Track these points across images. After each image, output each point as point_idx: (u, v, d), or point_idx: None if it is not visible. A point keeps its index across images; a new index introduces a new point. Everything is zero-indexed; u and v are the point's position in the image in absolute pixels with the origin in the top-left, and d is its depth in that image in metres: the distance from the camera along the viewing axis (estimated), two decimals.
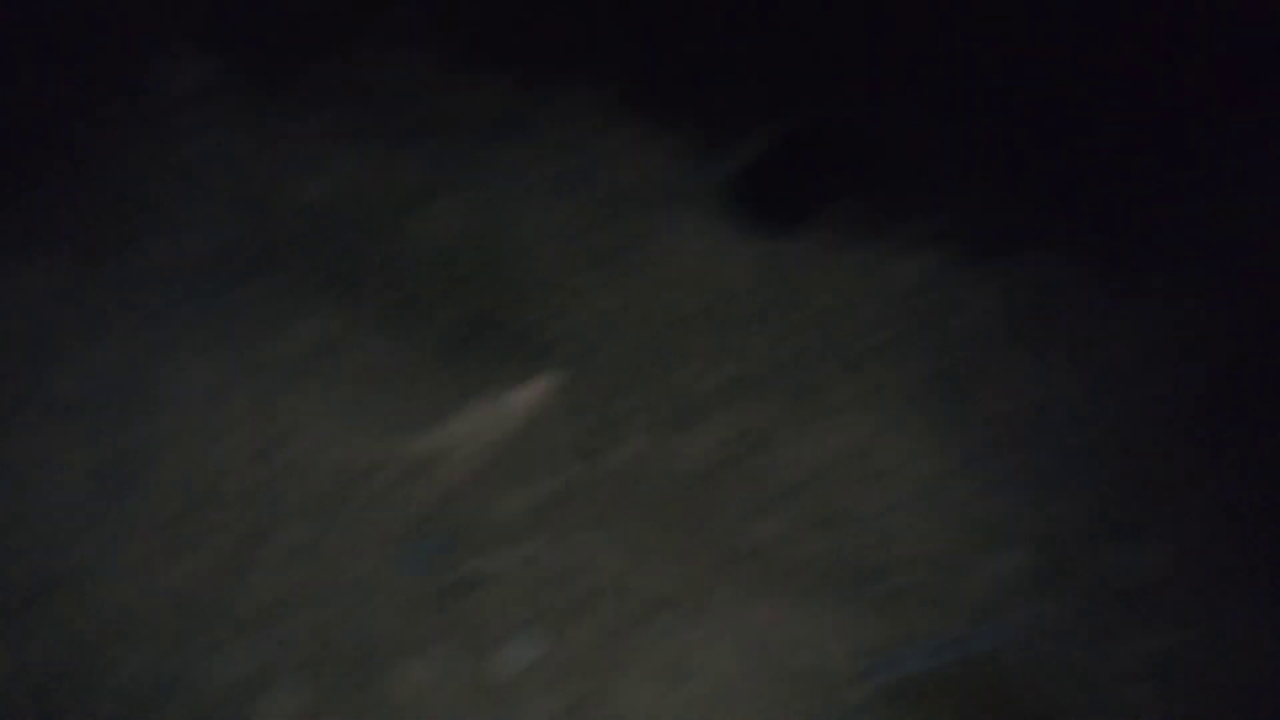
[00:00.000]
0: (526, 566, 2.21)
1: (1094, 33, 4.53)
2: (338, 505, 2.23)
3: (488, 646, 2.09)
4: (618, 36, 4.93)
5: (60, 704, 1.89)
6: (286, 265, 2.78)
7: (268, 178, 3.03)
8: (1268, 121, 4.25)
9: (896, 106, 4.38)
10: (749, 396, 2.92)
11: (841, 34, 4.95)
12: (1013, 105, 4.42)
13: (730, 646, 2.21)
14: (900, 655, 2.30)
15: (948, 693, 2.25)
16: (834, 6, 5.14)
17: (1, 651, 1.91)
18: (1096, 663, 2.40)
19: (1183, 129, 4.29)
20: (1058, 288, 3.64)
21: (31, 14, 3.16)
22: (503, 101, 3.80)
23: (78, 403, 2.36)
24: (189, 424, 2.37)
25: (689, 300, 3.32)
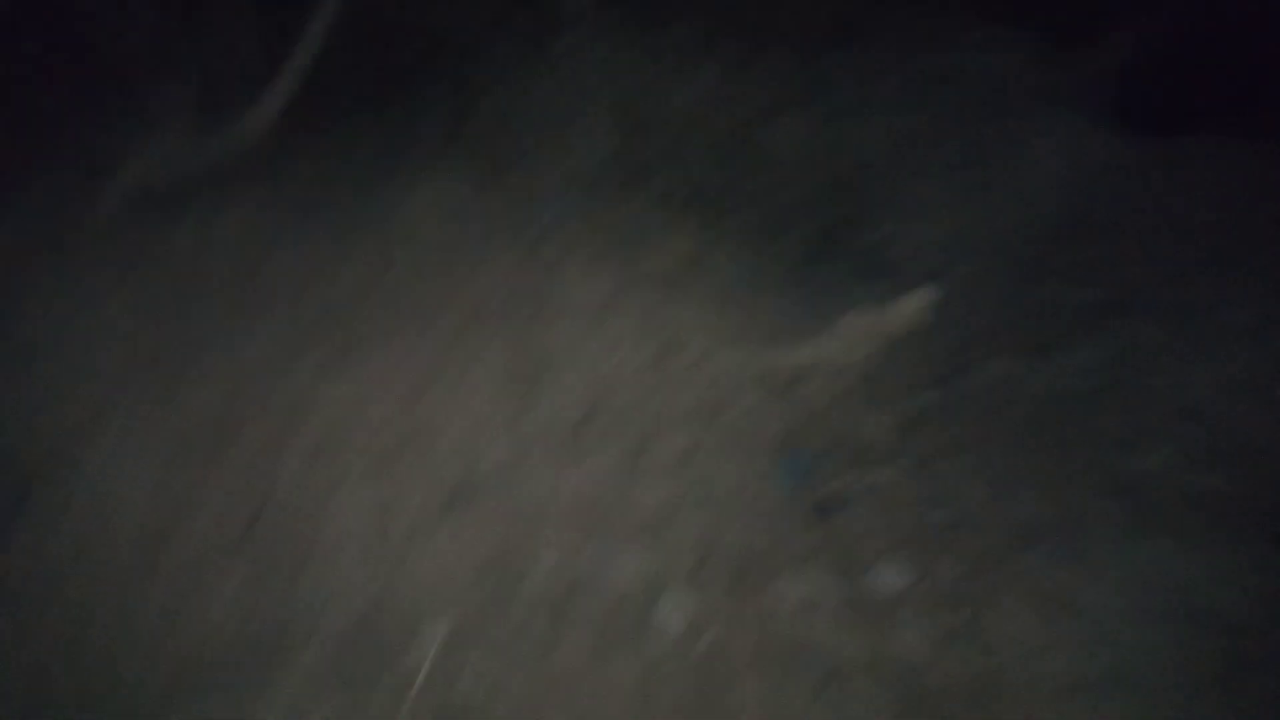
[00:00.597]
0: (891, 490, 2.24)
1: None
2: (715, 416, 2.36)
3: (856, 570, 2.16)
4: None
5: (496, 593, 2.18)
6: (657, 178, 2.92)
7: (639, 90, 3.16)
8: None
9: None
10: (1125, 315, 2.72)
11: None
12: None
13: (1109, 585, 2.12)
14: None
15: None
16: None
17: (444, 544, 2.22)
18: None
19: None
20: None
21: None
22: (848, 9, 3.69)
23: (488, 311, 2.63)
24: (583, 334, 2.58)
25: (1055, 210, 3.11)
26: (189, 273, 2.74)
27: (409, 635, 2.06)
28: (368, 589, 2.13)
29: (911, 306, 2.44)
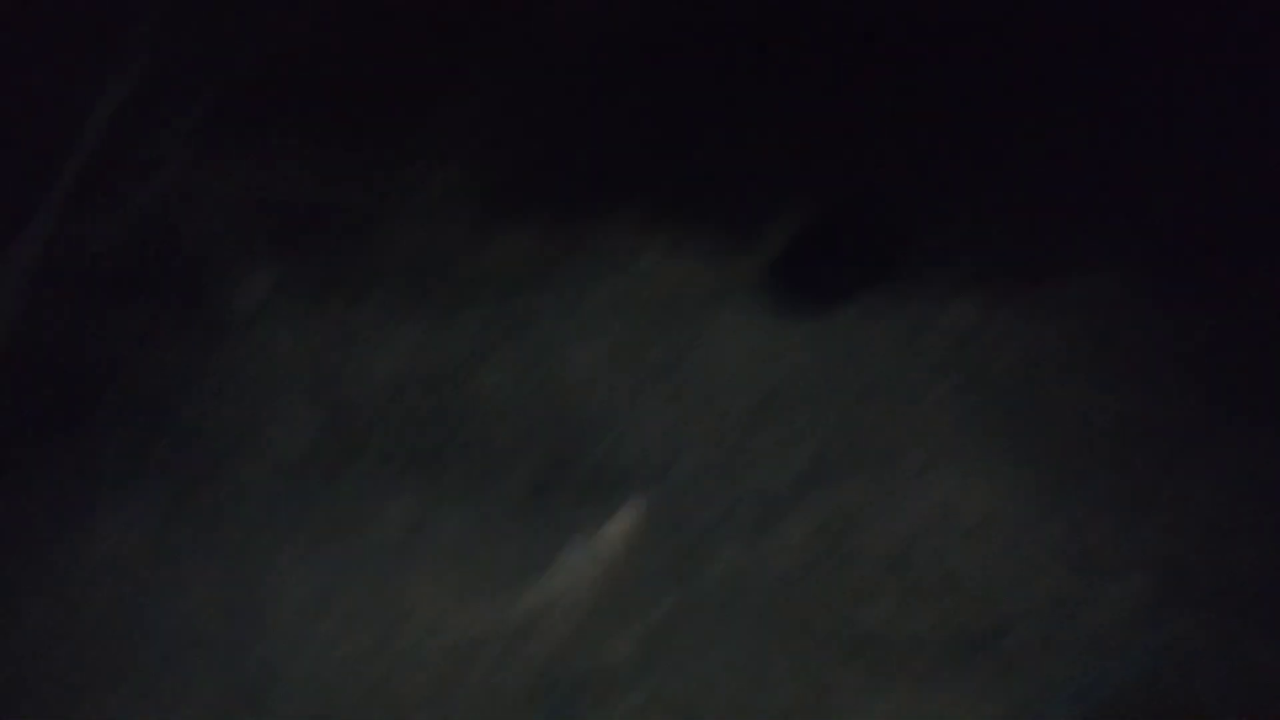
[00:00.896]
0: (646, 712, 2.26)
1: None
2: (454, 688, 2.32)
3: None
4: (635, 156, 5.17)
5: None
6: (369, 450, 2.93)
7: (338, 366, 3.19)
8: None
9: (918, 175, 4.61)
10: (828, 481, 2.96)
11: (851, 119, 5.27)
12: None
13: None
14: (1040, 714, 2.28)
15: None
16: (841, 96, 5.49)
17: None
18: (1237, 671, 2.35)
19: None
20: (1106, 305, 3.67)
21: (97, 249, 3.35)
22: (539, 248, 3.97)
23: (198, 636, 2.50)
24: (301, 631, 2.49)
25: (750, 396, 3.40)
26: None
27: None
28: None
29: (629, 521, 2.55)
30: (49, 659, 2.60)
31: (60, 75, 3.87)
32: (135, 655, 2.51)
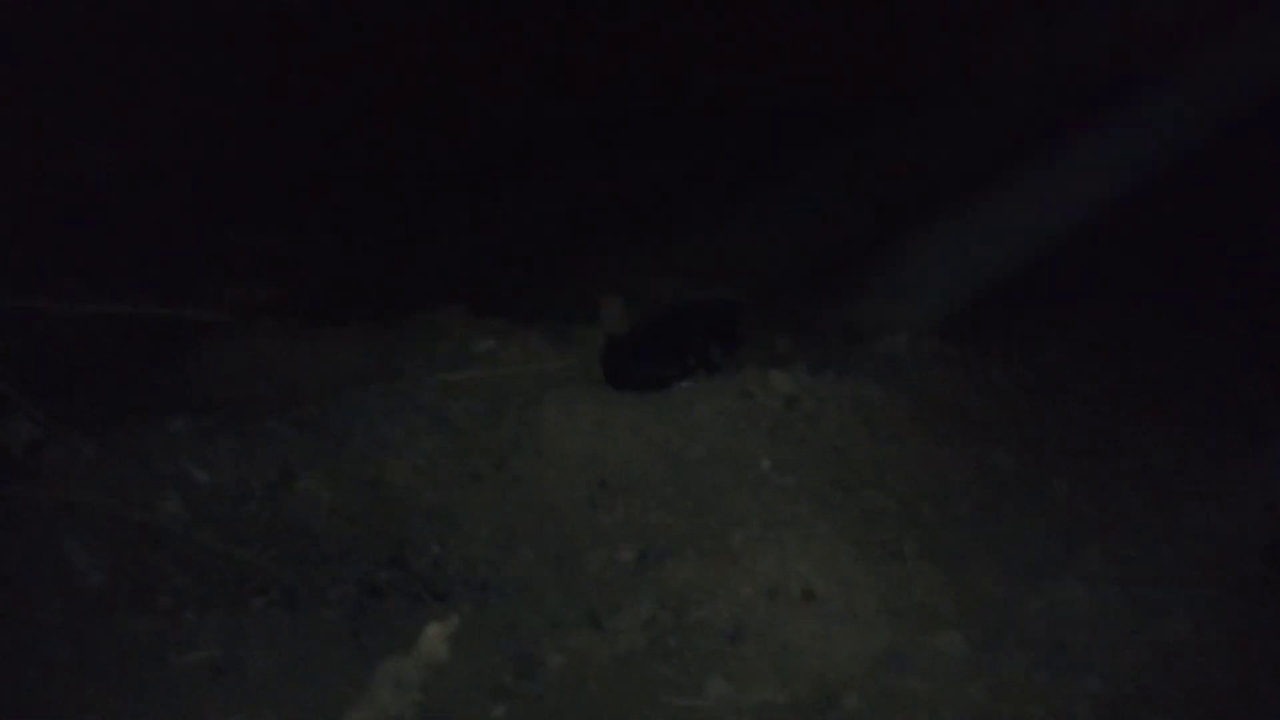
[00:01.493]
0: None
1: None
2: None
3: None
4: (452, 262, 5.21)
5: None
6: (165, 588, 2.72)
7: (132, 501, 2.97)
8: None
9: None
10: (660, 562, 2.92)
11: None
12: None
13: None
14: None
15: None
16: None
17: None
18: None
19: None
20: (904, 368, 3.86)
21: None
22: (355, 356, 3.88)
23: None
24: None
25: (583, 483, 3.36)
26: None
27: None
28: None
29: (457, 627, 2.45)
30: None
31: None
32: None
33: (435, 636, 2.41)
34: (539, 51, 7.72)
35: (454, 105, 7.01)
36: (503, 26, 7.67)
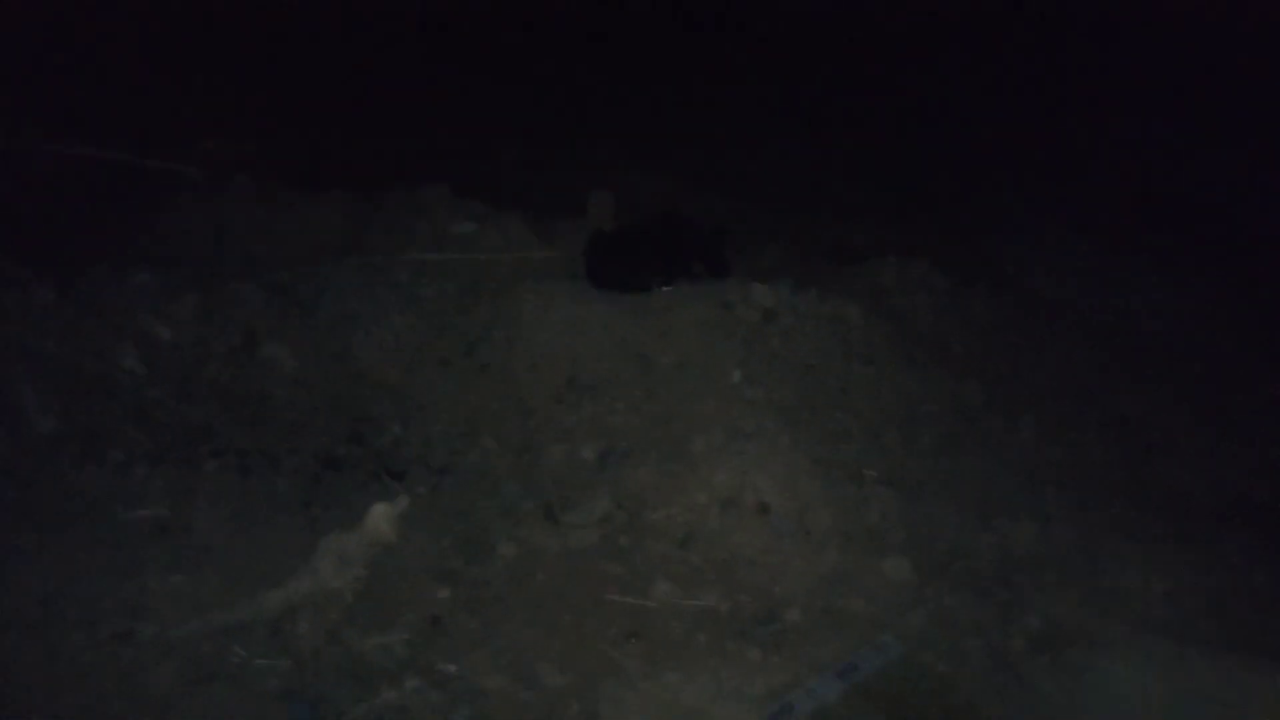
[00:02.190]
0: (403, 711, 2.15)
1: None
2: (197, 691, 2.15)
3: None
4: (443, 137, 5.04)
5: None
6: (117, 443, 2.70)
7: (85, 353, 2.92)
8: None
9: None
10: (620, 463, 2.90)
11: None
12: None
13: None
14: (810, 689, 2.28)
15: (863, 713, 2.25)
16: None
17: None
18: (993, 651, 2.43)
19: None
20: (909, 289, 3.79)
21: None
22: (330, 226, 3.77)
23: None
24: (46, 618, 2.26)
25: (553, 376, 3.32)
26: None
27: None
28: None
29: (390, 512, 2.42)
30: None
31: None
32: None
33: (381, 515, 2.40)
34: None
35: None
36: None
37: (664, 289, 3.61)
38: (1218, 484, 3.38)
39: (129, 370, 2.85)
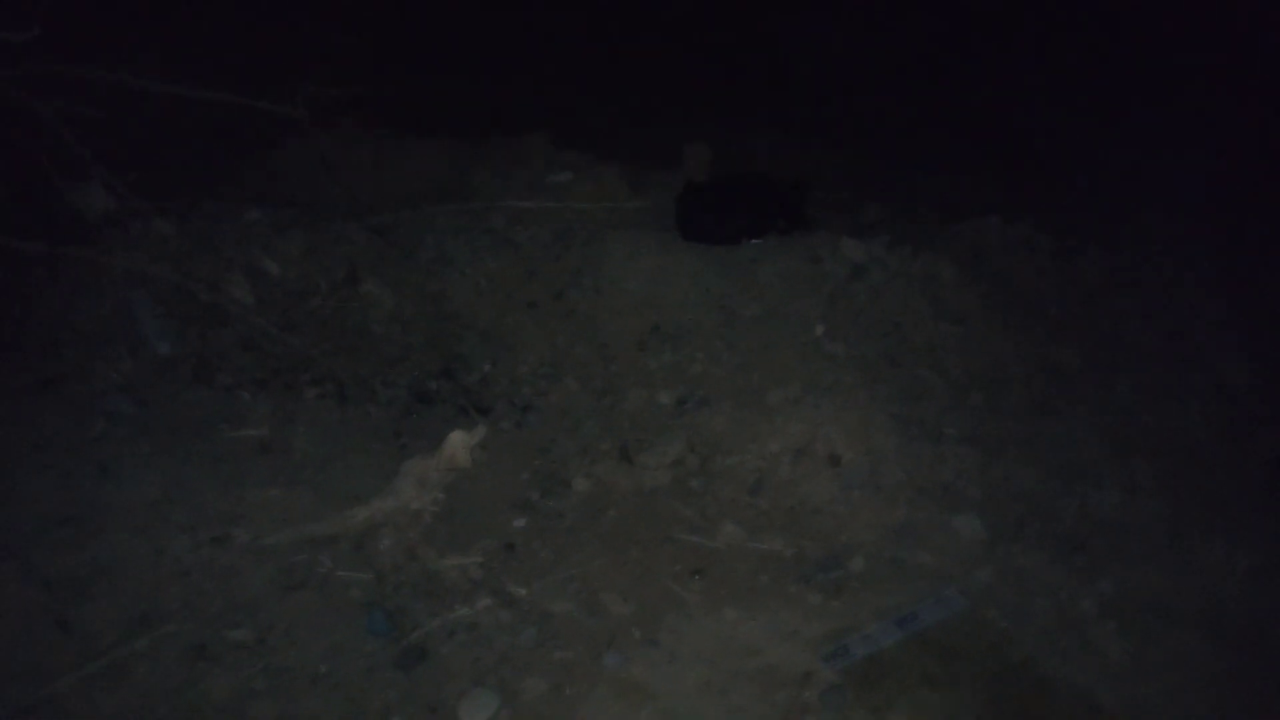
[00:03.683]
0: (474, 627, 2.26)
1: None
2: (287, 595, 2.31)
3: (445, 712, 2.14)
4: (542, 89, 5.11)
5: None
6: (228, 365, 2.90)
7: (199, 283, 3.11)
8: None
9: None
10: (698, 409, 2.95)
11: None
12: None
13: (682, 665, 2.22)
14: (868, 634, 2.31)
15: (919, 660, 2.26)
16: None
17: None
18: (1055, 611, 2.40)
19: None
20: (1001, 251, 3.69)
21: None
22: (432, 170, 3.90)
23: (18, 536, 2.43)
24: (131, 537, 2.42)
25: (637, 323, 3.38)
26: None
27: None
28: None
29: (467, 441, 2.53)
30: None
31: None
32: None
33: (458, 442, 2.52)
34: None
35: None
36: None
37: (753, 241, 3.63)
38: None
39: (239, 301, 3.04)
